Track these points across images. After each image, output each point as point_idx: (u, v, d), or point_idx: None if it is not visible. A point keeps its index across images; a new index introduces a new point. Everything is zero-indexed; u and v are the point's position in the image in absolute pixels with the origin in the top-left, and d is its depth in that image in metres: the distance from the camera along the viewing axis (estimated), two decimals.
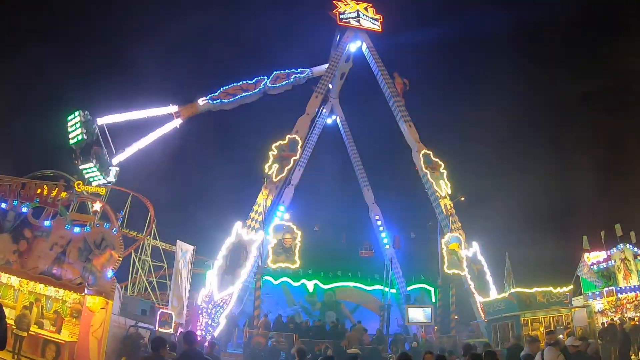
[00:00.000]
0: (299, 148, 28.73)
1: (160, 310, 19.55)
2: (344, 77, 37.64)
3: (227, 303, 22.85)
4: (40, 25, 50.94)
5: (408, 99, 32.80)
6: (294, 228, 25.47)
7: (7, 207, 16.85)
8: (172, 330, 18.84)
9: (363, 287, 34.33)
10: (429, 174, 29.32)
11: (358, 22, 34.73)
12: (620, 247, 21.22)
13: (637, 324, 17.36)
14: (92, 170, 23.94)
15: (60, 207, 18.18)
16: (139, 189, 33.14)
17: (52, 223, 16.98)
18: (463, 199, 29.03)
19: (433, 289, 33.05)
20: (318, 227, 33.11)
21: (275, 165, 26.91)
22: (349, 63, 36.26)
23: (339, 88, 38.64)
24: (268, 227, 25.38)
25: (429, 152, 30.17)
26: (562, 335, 17.67)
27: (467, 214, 29.64)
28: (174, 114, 28.92)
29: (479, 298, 25.57)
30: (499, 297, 23.18)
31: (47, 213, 17.98)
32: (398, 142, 32.84)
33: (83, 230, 16.75)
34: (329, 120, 39.73)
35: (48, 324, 15.93)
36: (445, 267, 26.85)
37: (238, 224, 24.75)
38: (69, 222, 17.40)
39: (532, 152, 44.58)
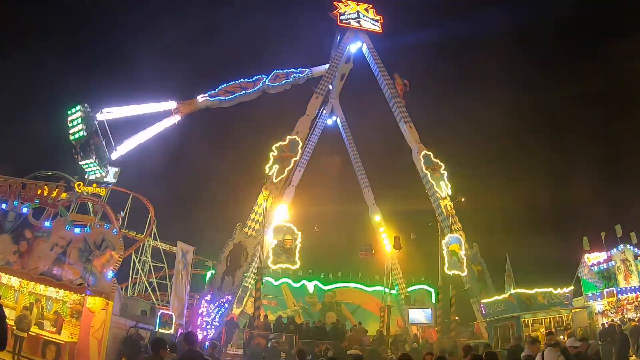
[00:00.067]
0: (300, 149, 28.72)
1: (161, 311, 19.55)
2: (344, 78, 37.63)
3: (227, 304, 22.85)
4: (39, 23, 51.07)
5: (408, 100, 32.82)
6: (294, 229, 25.43)
7: (7, 207, 16.87)
8: (172, 331, 18.84)
9: (363, 288, 34.37)
10: (430, 175, 29.28)
11: (358, 23, 34.73)
12: (621, 247, 21.17)
13: (637, 325, 17.33)
14: (92, 165, 24.18)
15: (61, 207, 18.21)
16: (140, 190, 33.21)
17: (52, 224, 17.01)
18: (463, 200, 28.99)
19: (433, 290, 33.06)
20: (318, 228, 33.11)
21: (276, 166, 26.90)
22: (349, 64, 36.26)
23: (340, 89, 38.64)
24: (268, 228, 25.37)
25: (430, 153, 30.13)
26: (562, 336, 17.69)
27: (467, 215, 29.65)
28: (173, 111, 28.95)
29: (480, 299, 25.54)
30: (500, 298, 23.15)
31: (47, 214, 18.02)
32: (398, 143, 32.87)
33: (83, 231, 16.78)
34: (330, 121, 39.71)
35: (48, 325, 15.93)
36: (446, 268, 26.77)
37: (238, 225, 24.76)
38: (69, 222, 17.42)
39: (532, 153, 44.66)
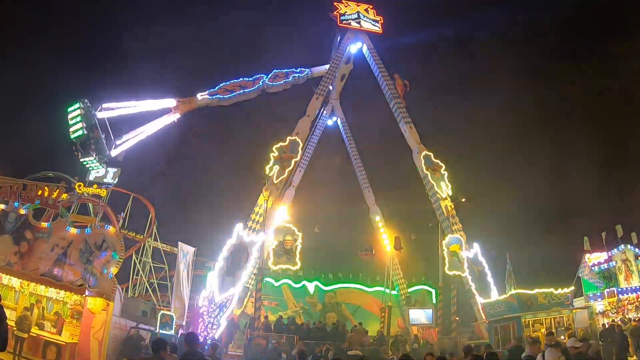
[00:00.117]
0: (300, 149, 28.72)
1: (161, 312, 19.56)
2: (345, 78, 37.62)
3: (228, 304, 22.83)
4: (38, 22, 50.92)
5: (409, 100, 32.83)
6: (295, 229, 25.44)
7: (8, 208, 16.89)
8: (173, 332, 18.84)
9: (364, 288, 34.35)
10: (430, 175, 29.27)
11: (359, 23, 34.74)
12: (621, 248, 21.18)
13: (637, 325, 17.32)
14: (92, 162, 24.35)
15: (61, 208, 18.21)
16: (140, 191, 33.18)
17: (52, 224, 17.02)
18: (464, 200, 28.98)
19: (434, 291, 33.05)
20: (319, 228, 33.10)
21: (276, 167, 26.89)
22: (350, 64, 36.26)
23: (340, 89, 38.62)
24: (269, 228, 25.37)
25: (430, 153, 30.12)
26: (563, 337, 17.68)
27: (468, 215, 29.64)
28: (173, 109, 29.01)
29: (480, 299, 25.52)
30: (500, 298, 23.15)
31: (48, 214, 18.04)
32: (399, 143, 32.86)
33: (84, 232, 16.79)
34: (330, 122, 39.71)
35: (49, 326, 15.93)
36: (446, 268, 26.78)
37: (239, 226, 24.73)
38: (70, 223, 17.43)
39: (533, 153, 44.59)
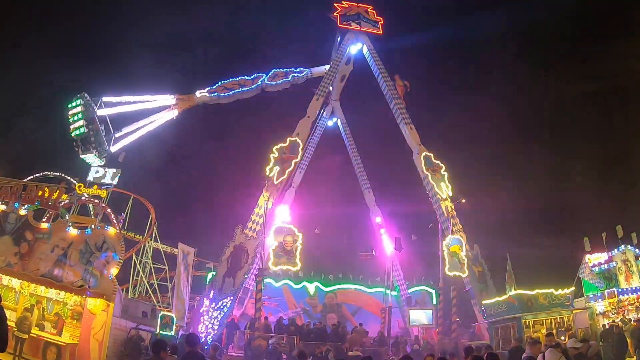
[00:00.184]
0: (300, 150, 28.71)
1: (162, 313, 19.56)
2: (345, 79, 37.63)
3: (228, 305, 22.84)
4: (37, 21, 50.88)
5: (409, 101, 32.82)
6: (295, 230, 25.46)
7: (8, 209, 16.90)
8: (173, 333, 18.85)
9: (364, 289, 34.33)
10: (430, 176, 29.27)
11: (359, 24, 34.74)
12: (622, 248, 21.10)
13: (637, 326, 17.27)
14: (92, 158, 24.75)
15: (61, 209, 18.21)
16: (140, 191, 33.19)
17: (52, 225, 17.03)
18: (464, 201, 28.99)
19: (434, 291, 33.04)
20: (319, 229, 33.09)
21: (276, 168, 26.90)
22: (350, 65, 36.27)
23: (340, 90, 38.65)
24: (269, 229, 25.38)
25: (430, 154, 30.12)
26: (563, 337, 17.68)
27: (468, 216, 29.63)
28: (172, 106, 29.10)
29: (480, 300, 25.53)
30: (500, 299, 23.12)
31: (48, 215, 18.04)
32: (399, 144, 32.86)
33: (84, 233, 16.80)
34: (330, 123, 39.73)
35: (49, 326, 15.93)
36: (447, 269, 26.78)
37: (239, 227, 24.77)
38: (70, 224, 17.44)
39: (533, 153, 44.59)
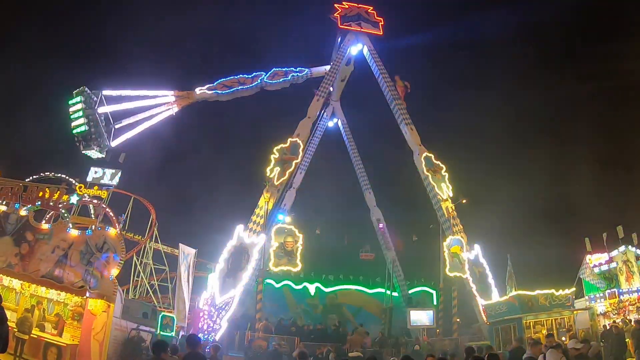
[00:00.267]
0: (301, 151, 28.72)
1: (162, 314, 19.56)
2: (345, 80, 37.63)
3: (228, 306, 22.83)
4: (34, 18, 50.93)
5: (409, 102, 32.83)
6: (296, 231, 25.46)
7: (8, 209, 16.91)
8: (173, 334, 18.84)
9: (365, 290, 34.33)
10: (431, 177, 29.24)
11: (359, 25, 34.74)
12: (622, 249, 21.09)
13: (637, 327, 17.25)
14: (93, 153, 25.15)
15: (62, 210, 18.22)
16: (141, 192, 33.19)
17: (53, 226, 17.03)
18: (465, 202, 28.99)
19: (435, 292, 33.04)
20: (320, 230, 33.11)
21: (277, 169, 26.91)
22: (350, 66, 36.24)
23: (340, 91, 38.67)
24: (270, 230, 25.38)
25: (431, 154, 30.10)
26: (564, 338, 17.67)
27: (468, 217, 29.62)
28: (172, 102, 29.19)
29: (481, 301, 25.49)
30: (501, 299, 23.13)
31: (49, 216, 18.05)
32: (399, 145, 32.86)
33: (84, 234, 16.80)
34: (331, 124, 39.72)
35: (49, 327, 15.91)
36: (447, 269, 26.79)
37: (240, 227, 24.76)
38: (71, 225, 17.44)
39: (534, 154, 44.57)
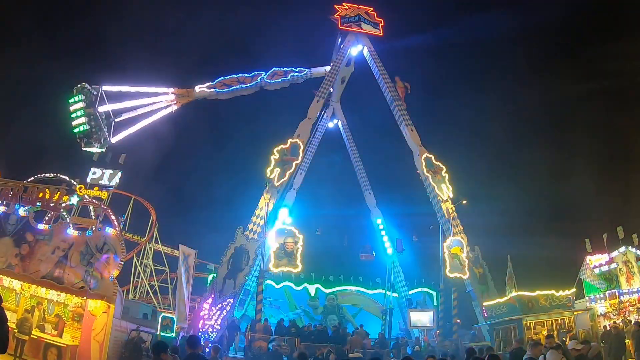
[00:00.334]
0: (301, 152, 28.71)
1: (162, 314, 19.56)
2: (345, 81, 37.63)
3: (229, 307, 22.83)
4: (34, 20, 51.04)
5: (409, 103, 32.84)
6: (296, 232, 25.46)
7: (9, 210, 16.91)
8: (174, 334, 18.83)
9: (365, 291, 34.32)
10: (431, 178, 29.24)
11: (359, 26, 34.71)
12: (623, 249, 21.08)
13: (638, 329, 17.24)
14: (94, 150, 25.40)
15: (62, 210, 18.22)
16: (141, 193, 33.24)
17: (53, 227, 17.03)
18: (465, 203, 28.97)
19: (435, 293, 33.01)
20: (320, 231, 33.08)
21: (277, 170, 26.92)
22: (350, 67, 36.23)
23: (341, 92, 38.65)
24: (270, 231, 25.38)
25: (431, 155, 30.09)
26: (564, 338, 17.67)
27: (469, 218, 29.61)
28: (171, 101, 29.26)
29: (481, 302, 25.50)
30: (502, 300, 23.11)
31: (49, 217, 18.04)
32: (400, 145, 32.88)
33: (85, 234, 16.80)
34: (331, 124, 39.69)
35: (50, 328, 15.91)
36: (447, 270, 26.77)
37: (240, 228, 24.79)
38: (71, 225, 17.44)
39: (534, 154, 44.61)
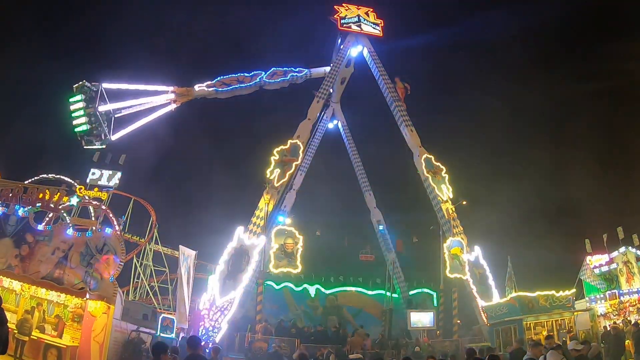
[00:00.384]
0: (301, 153, 28.73)
1: (162, 315, 19.56)
2: (345, 82, 37.64)
3: (229, 308, 22.81)
4: (34, 19, 51.04)
5: (409, 104, 32.85)
6: (296, 233, 25.46)
7: (9, 211, 16.91)
8: (174, 335, 18.84)
9: (365, 291, 34.31)
10: (431, 178, 29.24)
11: (359, 27, 34.75)
12: (623, 250, 21.11)
13: (638, 330, 17.24)
14: (95, 148, 25.55)
15: (62, 211, 18.23)
16: (141, 194, 33.23)
17: (53, 227, 17.03)
18: (465, 203, 28.97)
19: (435, 294, 33.00)
20: (320, 231, 33.10)
21: (277, 170, 26.92)
22: (350, 68, 36.24)
23: (340, 93, 38.67)
24: (270, 231, 25.38)
25: (431, 156, 30.10)
26: (564, 339, 17.66)
27: (469, 218, 29.62)
28: (171, 100, 29.30)
29: (482, 302, 25.48)
30: (502, 301, 23.12)
31: (49, 218, 18.03)
32: (400, 146, 32.88)
33: (85, 235, 16.80)
34: (331, 125, 39.73)
35: (50, 329, 15.89)
36: (447, 271, 26.77)
37: (240, 229, 24.76)
38: (71, 226, 17.44)
39: (534, 155, 44.59)
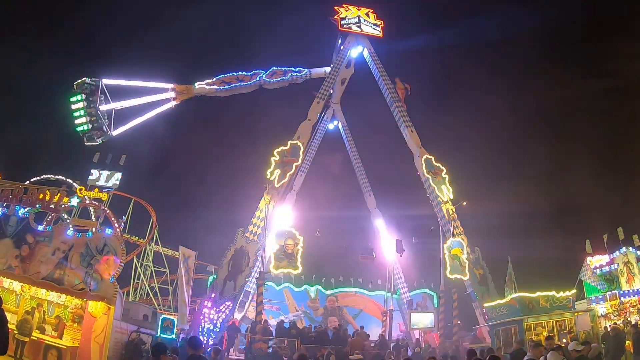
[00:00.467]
0: (301, 153, 28.74)
1: (163, 316, 19.56)
2: (345, 82, 37.61)
3: (229, 308, 22.83)
4: (33, 19, 51.06)
5: (409, 104, 32.87)
6: (296, 234, 25.45)
7: (9, 212, 16.92)
8: (174, 336, 18.84)
9: (365, 292, 34.31)
10: (431, 179, 29.26)
11: (359, 27, 34.77)
12: (623, 250, 21.07)
13: (637, 330, 17.21)
14: (96, 145, 25.99)
15: (63, 212, 18.22)
16: (141, 195, 33.23)
17: (53, 228, 17.04)
18: (465, 204, 28.98)
19: (435, 294, 32.98)
20: (320, 232, 33.06)
21: (277, 171, 26.94)
22: (350, 69, 36.21)
23: (341, 93, 38.64)
24: (270, 232, 25.38)
25: (431, 157, 30.12)
26: (565, 339, 17.64)
27: (469, 219, 29.62)
28: (171, 98, 29.40)
29: (482, 303, 25.48)
30: (502, 301, 23.07)
31: (49, 218, 18.01)
32: (400, 147, 32.90)
33: (85, 236, 16.81)
34: (331, 126, 39.68)
35: (50, 329, 15.91)
36: (448, 272, 26.76)
37: (240, 230, 24.79)
38: (71, 227, 17.44)
39: (534, 155, 44.62)
